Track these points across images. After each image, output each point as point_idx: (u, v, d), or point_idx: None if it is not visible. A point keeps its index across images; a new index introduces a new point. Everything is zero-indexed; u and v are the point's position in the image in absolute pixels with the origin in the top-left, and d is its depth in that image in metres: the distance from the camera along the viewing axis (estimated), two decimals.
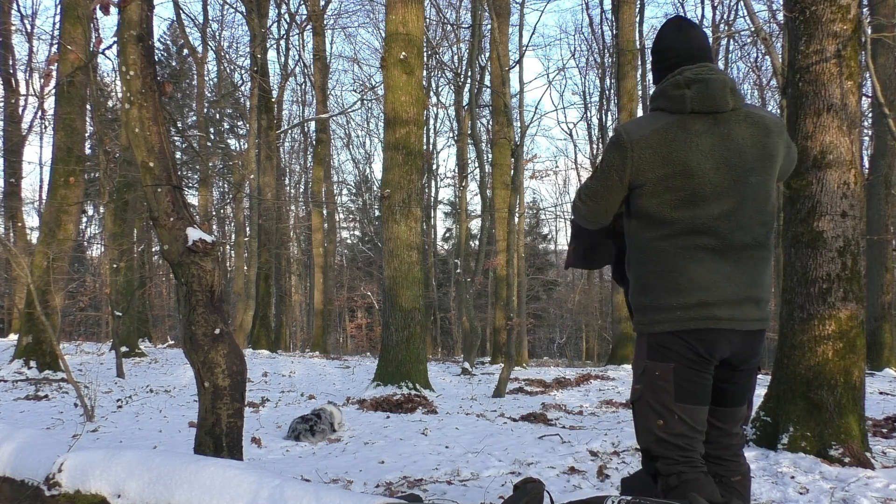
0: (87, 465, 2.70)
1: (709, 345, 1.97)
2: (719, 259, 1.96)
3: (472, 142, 14.66)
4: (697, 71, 2.01)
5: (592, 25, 24.31)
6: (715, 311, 1.95)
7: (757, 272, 2.00)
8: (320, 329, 20.98)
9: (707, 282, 1.95)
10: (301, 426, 5.25)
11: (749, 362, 2.07)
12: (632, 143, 1.99)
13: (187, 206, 3.44)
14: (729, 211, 1.95)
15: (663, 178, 1.96)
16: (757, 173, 1.99)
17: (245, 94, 21.47)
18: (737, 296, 1.96)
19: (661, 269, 2.00)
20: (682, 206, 1.96)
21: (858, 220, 4.21)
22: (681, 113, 1.99)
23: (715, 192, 1.95)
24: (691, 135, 1.96)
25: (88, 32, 9.51)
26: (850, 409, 4.05)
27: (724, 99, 1.98)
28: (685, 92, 1.98)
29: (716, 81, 1.98)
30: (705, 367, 2.00)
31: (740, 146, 1.98)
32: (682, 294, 1.96)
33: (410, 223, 8.23)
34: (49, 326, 6.20)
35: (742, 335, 1.99)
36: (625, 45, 14.61)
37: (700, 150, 1.95)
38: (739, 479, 2.12)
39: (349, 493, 2.42)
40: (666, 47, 2.11)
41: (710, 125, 1.97)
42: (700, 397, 2.01)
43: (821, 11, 4.20)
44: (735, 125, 1.99)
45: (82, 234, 26.26)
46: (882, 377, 10.49)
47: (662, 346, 2.01)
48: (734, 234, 1.96)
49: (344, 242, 35.43)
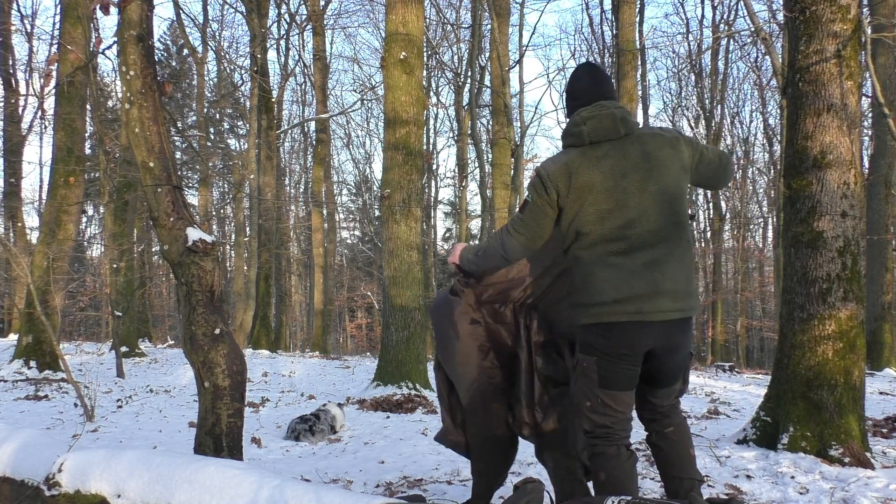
0: (87, 465, 2.70)
1: (628, 337, 2.30)
2: (629, 260, 2.29)
3: (472, 142, 14.68)
4: (591, 110, 2.39)
5: (592, 25, 24.22)
6: (627, 307, 2.28)
7: (670, 267, 2.30)
8: (320, 329, 20.97)
9: (618, 282, 2.29)
10: (300, 426, 5.24)
11: (674, 348, 2.39)
12: (549, 175, 2.38)
13: (187, 206, 3.44)
14: (633, 219, 2.30)
15: (576, 199, 2.34)
16: (654, 182, 2.32)
17: (245, 94, 21.49)
18: (648, 291, 2.27)
19: (584, 273, 2.37)
20: (594, 220, 2.33)
21: (858, 220, 4.21)
22: (582, 145, 2.38)
23: (618, 204, 2.31)
24: (592, 160, 2.34)
25: (88, 32, 9.51)
26: (850, 409, 4.05)
27: (615, 129, 2.36)
28: (582, 128, 2.38)
29: (606, 116, 2.37)
30: (625, 359, 2.33)
31: (635, 163, 2.33)
32: (599, 293, 2.31)
33: (410, 223, 8.23)
34: (49, 326, 6.20)
35: (660, 325, 2.30)
36: (625, 45, 14.58)
37: (601, 171, 2.33)
38: (672, 429, 2.53)
39: (349, 493, 2.42)
40: (574, 91, 2.50)
41: (608, 150, 2.35)
42: (621, 384, 2.36)
43: (821, 11, 4.20)
44: (629, 146, 2.35)
45: (82, 234, 26.27)
46: (882, 377, 10.49)
47: (587, 342, 2.40)
48: (641, 238, 2.30)
49: (344, 242, 35.43)
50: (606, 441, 2.40)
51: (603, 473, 2.37)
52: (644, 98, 20.73)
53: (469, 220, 25.44)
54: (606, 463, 2.37)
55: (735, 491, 3.53)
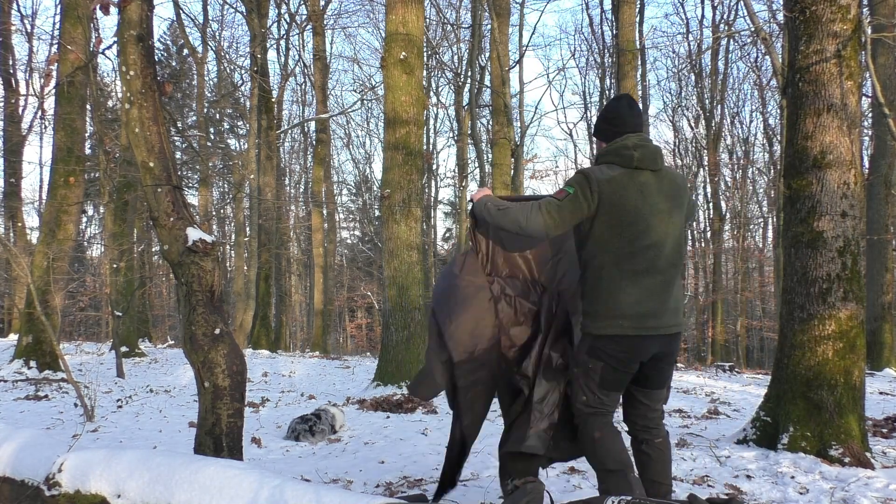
0: (87, 465, 2.70)
1: (636, 348, 2.59)
2: (650, 280, 2.57)
3: (472, 142, 14.67)
4: (641, 138, 2.66)
5: (592, 25, 24.22)
6: (645, 322, 2.56)
7: (675, 288, 2.64)
8: (320, 329, 20.97)
9: (642, 298, 2.56)
10: (300, 426, 5.25)
11: (670, 356, 2.72)
12: (598, 182, 2.57)
13: (187, 206, 3.44)
14: (656, 242, 2.57)
15: (613, 210, 2.56)
16: (676, 215, 2.65)
17: (245, 94, 21.48)
18: (660, 308, 2.58)
19: (609, 285, 2.58)
20: (624, 235, 2.56)
21: (858, 220, 4.21)
22: (628, 167, 2.60)
23: (648, 227, 2.56)
24: (637, 183, 2.59)
25: (88, 32, 9.51)
26: (850, 409, 4.05)
27: (655, 161, 2.64)
28: (633, 153, 2.60)
29: (653, 148, 2.65)
30: (627, 367, 2.64)
31: (667, 195, 2.63)
32: (623, 307, 2.56)
33: (410, 223, 8.23)
34: (49, 326, 6.20)
35: (664, 337, 2.62)
36: (625, 45, 14.59)
37: (642, 195, 2.58)
38: (661, 440, 2.79)
39: (349, 493, 2.42)
40: (616, 117, 2.72)
41: (649, 178, 2.61)
42: (617, 387, 2.70)
43: (821, 11, 4.20)
44: (665, 180, 2.65)
45: (82, 234, 26.25)
46: (882, 377, 10.49)
47: (598, 348, 2.63)
48: (658, 260, 2.58)
49: (344, 242, 35.42)
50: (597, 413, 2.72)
51: (598, 433, 2.68)
52: (644, 98, 20.70)
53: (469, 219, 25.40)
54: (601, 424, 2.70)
55: (735, 491, 3.53)
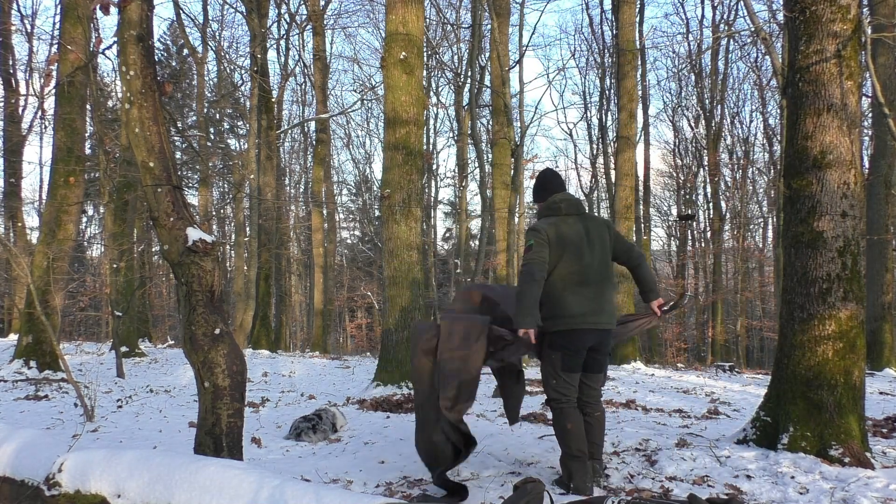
0: (87, 465, 2.71)
1: (580, 339, 3.60)
2: (584, 289, 3.60)
3: (472, 142, 14.67)
4: (564, 195, 3.82)
5: (592, 25, 24.25)
6: (585, 319, 3.57)
7: (606, 294, 3.66)
8: (320, 329, 20.97)
9: (580, 302, 3.58)
10: (303, 424, 5.26)
11: (605, 347, 3.73)
12: (544, 230, 3.63)
13: (187, 206, 3.44)
14: (588, 263, 3.63)
15: (558, 246, 3.61)
16: (599, 244, 3.70)
17: (245, 94, 21.49)
18: (594, 309, 3.59)
19: (557, 294, 3.60)
20: (565, 261, 3.61)
21: (858, 220, 4.21)
22: (560, 215, 3.73)
23: (579, 253, 3.63)
24: (567, 224, 3.69)
25: (88, 32, 9.51)
26: (850, 409, 4.05)
27: (580, 208, 3.79)
28: (560, 205, 3.76)
29: (575, 200, 3.80)
30: (578, 353, 3.62)
31: (589, 230, 3.70)
32: (566, 309, 3.57)
33: (410, 223, 8.23)
34: (49, 326, 6.20)
35: (599, 331, 3.63)
36: (625, 45, 14.59)
37: (573, 232, 3.66)
38: (599, 413, 3.78)
39: (349, 493, 2.42)
40: (546, 183, 3.90)
41: (575, 220, 3.72)
42: (574, 369, 3.64)
43: (821, 11, 4.20)
44: (588, 220, 3.75)
45: (82, 234, 26.26)
46: (882, 377, 10.50)
47: (555, 342, 3.63)
48: (590, 275, 3.62)
49: (344, 242, 35.42)
50: (568, 403, 3.63)
51: (570, 424, 3.57)
52: (644, 98, 20.72)
53: (469, 220, 25.46)
54: (572, 415, 3.61)
55: (735, 491, 3.53)
